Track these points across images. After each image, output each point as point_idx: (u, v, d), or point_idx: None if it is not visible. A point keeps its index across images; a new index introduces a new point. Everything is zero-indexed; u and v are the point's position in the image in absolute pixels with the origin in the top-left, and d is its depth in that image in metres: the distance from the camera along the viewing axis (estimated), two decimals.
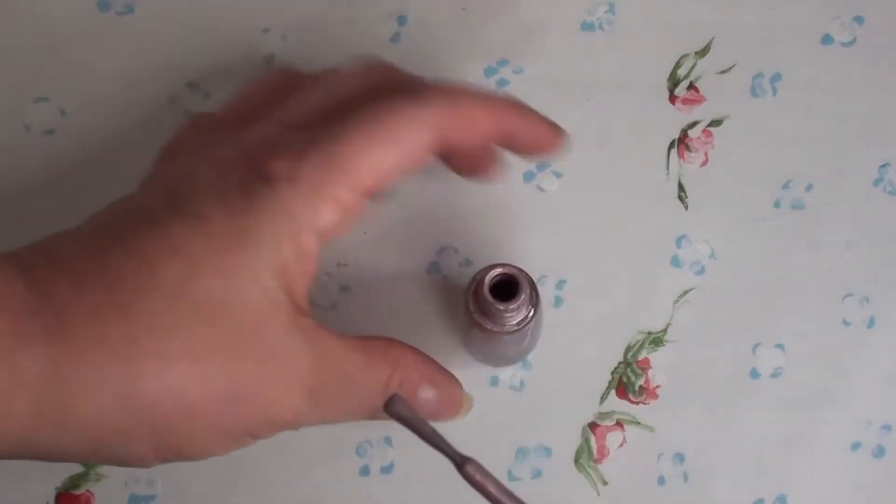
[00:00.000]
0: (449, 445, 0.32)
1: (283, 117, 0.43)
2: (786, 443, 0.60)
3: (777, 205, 0.64)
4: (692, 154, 0.64)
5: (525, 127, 0.47)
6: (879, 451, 0.61)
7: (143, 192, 0.41)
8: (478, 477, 0.33)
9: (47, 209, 0.62)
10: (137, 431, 0.34)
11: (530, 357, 0.61)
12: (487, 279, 0.51)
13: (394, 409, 0.36)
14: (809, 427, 0.61)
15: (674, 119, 0.65)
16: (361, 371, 0.40)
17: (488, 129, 0.45)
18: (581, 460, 0.60)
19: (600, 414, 0.61)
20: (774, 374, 0.61)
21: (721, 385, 0.61)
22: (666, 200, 0.64)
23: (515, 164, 0.64)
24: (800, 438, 0.60)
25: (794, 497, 0.60)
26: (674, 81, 0.65)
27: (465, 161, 0.49)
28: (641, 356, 0.61)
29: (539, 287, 0.56)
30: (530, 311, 0.52)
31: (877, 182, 0.64)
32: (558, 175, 0.64)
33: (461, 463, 0.32)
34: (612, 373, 0.61)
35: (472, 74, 0.65)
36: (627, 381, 0.61)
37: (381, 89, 0.44)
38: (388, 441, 0.60)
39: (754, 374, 0.61)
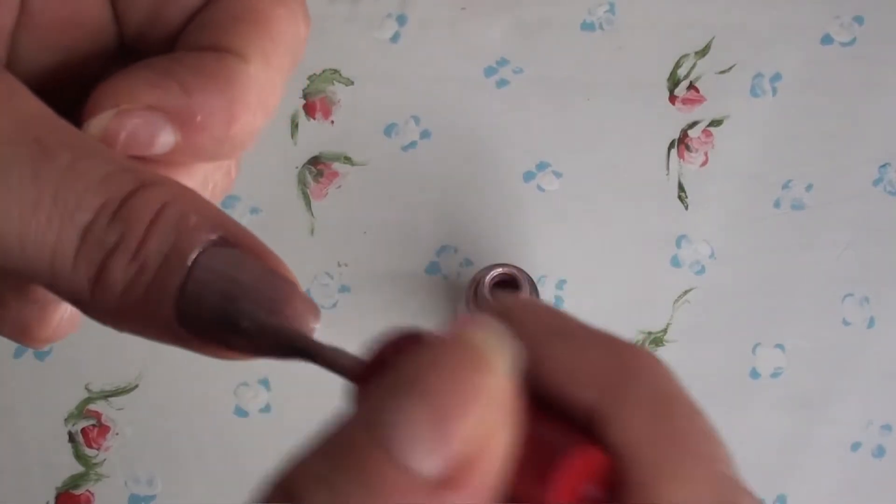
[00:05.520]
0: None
1: None
2: (786, 443, 0.60)
3: (777, 205, 0.64)
4: (692, 154, 0.64)
5: None
6: (879, 452, 0.60)
7: None
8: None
9: None
10: None
11: None
12: (487, 279, 0.51)
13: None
14: (809, 427, 0.61)
15: (674, 119, 0.65)
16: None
17: None
18: None
19: None
20: (774, 374, 0.61)
21: (721, 385, 0.61)
22: (666, 200, 0.64)
23: (515, 164, 0.64)
24: (800, 438, 0.60)
25: (794, 497, 0.60)
26: (674, 81, 0.65)
27: None
28: None
29: (539, 287, 0.56)
30: None
31: (877, 182, 0.64)
32: (558, 175, 0.64)
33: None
34: None
35: (472, 74, 0.65)
36: None
37: None
38: None
39: (754, 374, 0.61)
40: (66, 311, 0.25)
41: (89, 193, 0.19)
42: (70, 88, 0.23)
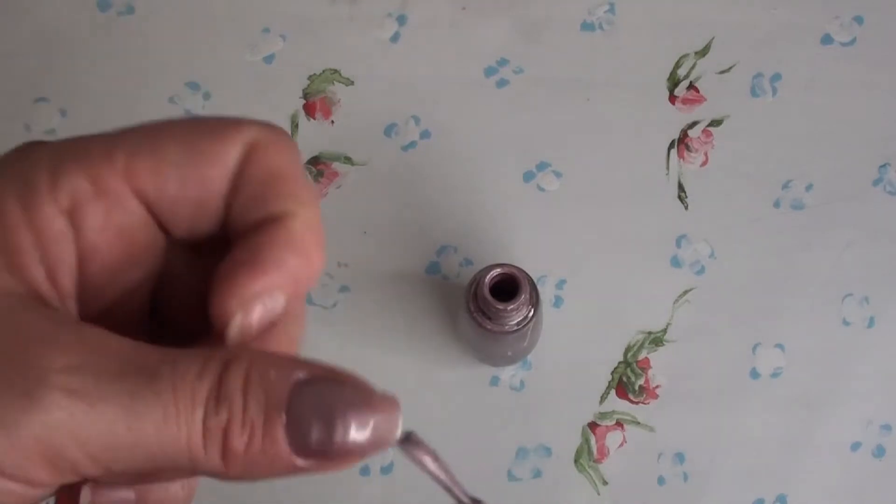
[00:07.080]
0: (463, 491, 0.30)
1: None
2: (786, 443, 0.60)
3: (777, 205, 0.64)
4: (692, 154, 0.64)
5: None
6: (879, 452, 0.60)
7: None
8: None
9: None
10: None
11: (530, 357, 0.61)
12: (487, 279, 0.51)
13: (408, 447, 0.29)
14: (809, 427, 0.61)
15: (674, 119, 0.65)
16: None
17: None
18: (581, 460, 0.60)
19: (600, 414, 0.61)
20: (774, 374, 0.61)
21: (721, 385, 0.61)
22: (666, 200, 0.64)
23: (515, 164, 0.64)
24: (800, 438, 0.60)
25: (794, 497, 0.60)
26: (674, 81, 0.65)
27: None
28: (641, 356, 0.61)
29: (539, 287, 0.56)
30: (530, 311, 0.52)
31: (877, 182, 0.64)
32: (558, 175, 0.64)
33: None
34: (612, 373, 0.61)
35: (473, 74, 0.65)
36: (627, 381, 0.61)
37: None
38: None
39: (754, 374, 0.61)
40: None
41: (197, 392, 0.24)
42: (133, 300, 0.27)
